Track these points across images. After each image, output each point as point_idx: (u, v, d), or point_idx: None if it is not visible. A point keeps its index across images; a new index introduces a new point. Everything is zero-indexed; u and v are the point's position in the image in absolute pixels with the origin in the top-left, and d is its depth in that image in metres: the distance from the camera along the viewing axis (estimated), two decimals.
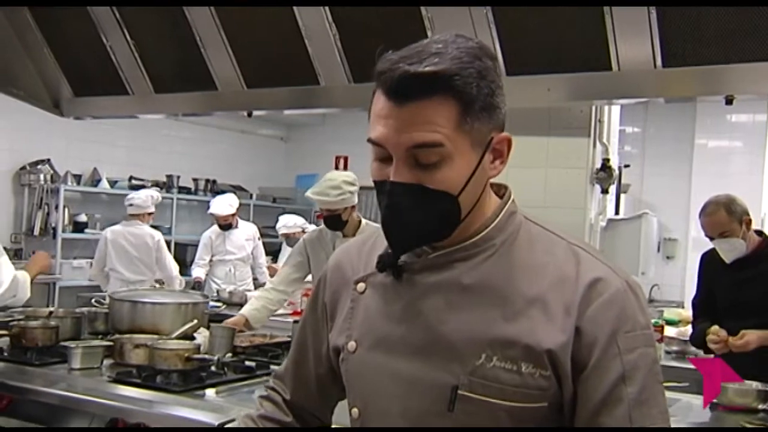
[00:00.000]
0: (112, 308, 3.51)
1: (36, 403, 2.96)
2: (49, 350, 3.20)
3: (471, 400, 1.11)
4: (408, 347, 1.17)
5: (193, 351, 2.93)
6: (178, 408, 2.70)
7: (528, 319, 1.12)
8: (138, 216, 5.96)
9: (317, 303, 1.35)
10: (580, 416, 1.12)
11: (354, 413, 1.23)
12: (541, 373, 1.11)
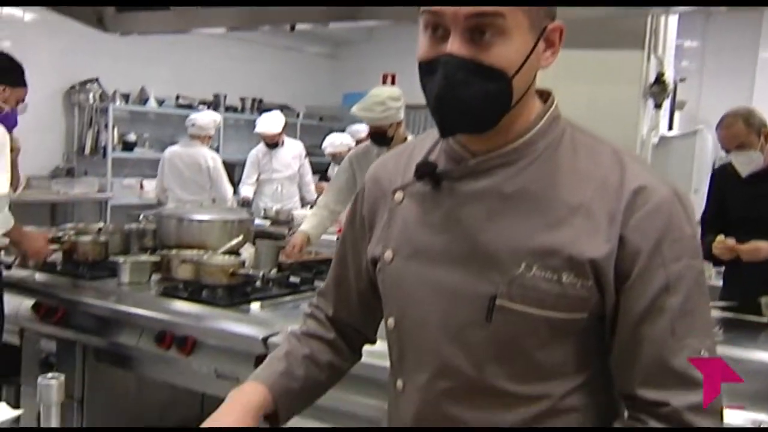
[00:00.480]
0: (160, 225, 3.55)
1: (88, 315, 3.04)
2: (100, 265, 3.27)
3: (509, 310, 1.08)
4: (446, 257, 1.14)
5: (238, 266, 2.96)
6: (224, 321, 2.74)
7: (570, 227, 1.08)
8: (198, 138, 5.96)
9: (356, 217, 1.32)
10: (621, 327, 1.09)
11: (390, 323, 1.21)
12: (582, 284, 1.07)
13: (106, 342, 3.00)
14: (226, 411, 1.23)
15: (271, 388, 1.28)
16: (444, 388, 1.14)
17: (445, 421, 1.14)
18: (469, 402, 1.12)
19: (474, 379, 1.11)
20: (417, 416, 1.17)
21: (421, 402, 1.16)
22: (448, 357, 1.12)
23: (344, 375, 1.41)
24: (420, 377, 1.16)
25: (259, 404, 1.25)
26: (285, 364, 1.31)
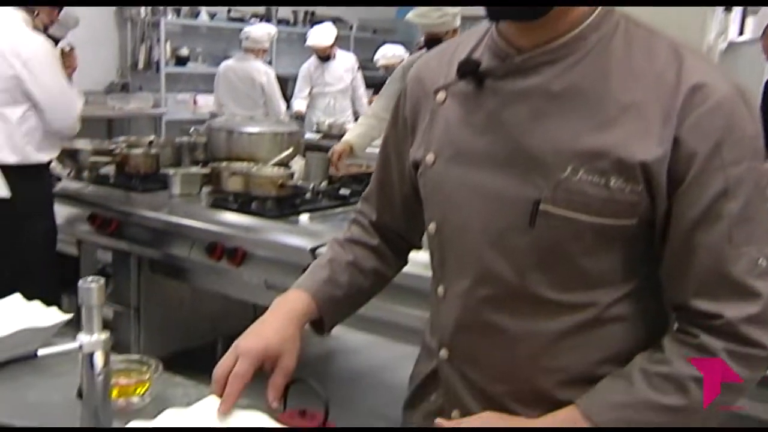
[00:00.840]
0: (210, 137, 3.54)
1: (141, 227, 3.08)
2: (151, 177, 3.29)
3: (553, 215, 1.03)
4: (489, 159, 1.08)
5: (286, 178, 2.94)
6: (273, 233, 2.75)
7: (621, 128, 1.01)
8: (252, 51, 5.90)
9: (398, 118, 1.27)
10: (673, 234, 1.03)
11: (431, 229, 1.17)
12: (631, 188, 1.01)
13: (159, 253, 3.05)
14: (269, 319, 1.22)
15: (314, 295, 1.26)
16: (485, 295, 1.10)
17: (486, 328, 1.11)
18: (510, 309, 1.09)
19: (515, 286, 1.07)
20: (458, 323, 1.14)
21: (462, 309, 1.13)
22: (489, 263, 1.08)
23: (389, 282, 1.39)
24: (461, 284, 1.12)
25: (303, 312, 1.24)
26: (328, 271, 1.29)
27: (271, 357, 1.16)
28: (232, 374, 1.13)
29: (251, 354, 1.15)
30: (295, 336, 1.20)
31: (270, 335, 1.18)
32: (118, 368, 1.33)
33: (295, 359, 1.19)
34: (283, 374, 1.16)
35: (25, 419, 1.20)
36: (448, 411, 1.18)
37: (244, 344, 1.17)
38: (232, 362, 1.14)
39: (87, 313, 1.11)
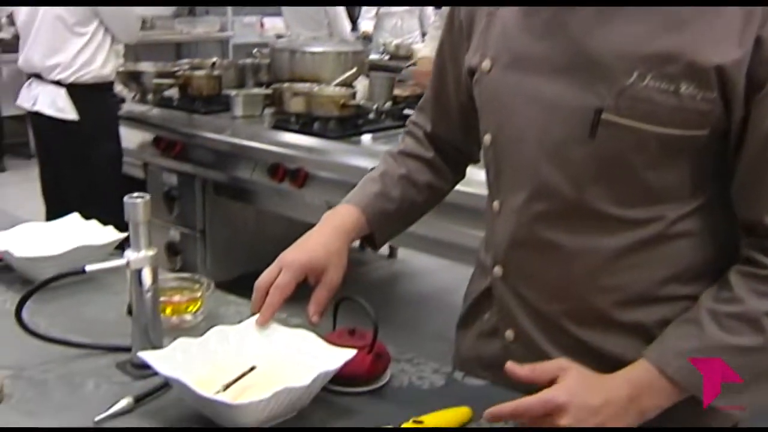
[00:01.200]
0: (274, 58, 3.49)
1: (204, 149, 3.08)
2: (214, 99, 3.28)
3: (616, 125, 0.95)
4: (547, 65, 1.00)
5: (349, 98, 2.89)
6: (335, 154, 2.71)
7: (695, 28, 0.92)
8: None
9: (453, 23, 1.19)
10: (749, 145, 0.94)
11: (486, 140, 1.11)
12: (703, 95, 0.92)
13: (223, 175, 3.05)
14: (316, 233, 1.18)
15: (364, 210, 1.21)
16: (541, 210, 1.04)
17: (541, 244, 1.04)
18: (567, 225, 1.02)
19: (573, 200, 1.00)
20: (512, 239, 1.08)
21: (517, 224, 1.07)
22: (546, 176, 1.01)
23: (444, 197, 1.33)
24: (516, 198, 1.06)
25: (351, 226, 1.20)
26: (380, 185, 1.24)
27: (315, 270, 1.13)
28: (273, 286, 1.10)
29: (294, 266, 1.12)
30: (341, 250, 1.16)
31: (315, 248, 1.15)
32: (171, 286, 1.33)
33: (340, 274, 1.15)
34: (327, 289, 1.13)
35: (80, 335, 1.21)
36: (502, 330, 1.14)
37: (288, 256, 1.14)
38: (274, 274, 1.12)
39: (134, 230, 1.10)
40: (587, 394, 0.92)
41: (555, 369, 0.96)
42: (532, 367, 0.97)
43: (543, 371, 0.96)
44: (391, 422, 0.96)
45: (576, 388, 0.93)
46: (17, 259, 1.39)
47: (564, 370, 0.95)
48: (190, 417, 0.99)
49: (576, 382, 0.94)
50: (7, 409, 1.02)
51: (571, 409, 0.90)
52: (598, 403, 0.92)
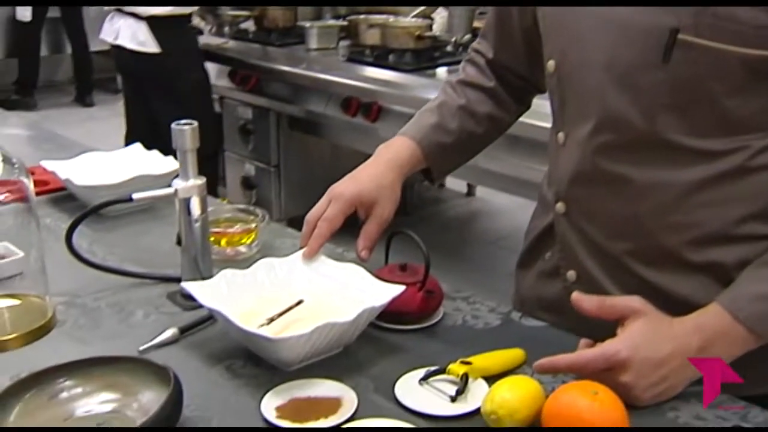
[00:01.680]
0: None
1: (279, 82, 3.06)
2: (289, 31, 3.24)
3: (694, 46, 0.85)
4: None
5: (424, 29, 2.80)
6: (409, 87, 2.64)
7: None
8: None
9: None
10: None
11: (550, 66, 1.03)
12: None
13: (297, 109, 3.02)
14: (369, 165, 1.14)
15: (419, 142, 1.15)
16: (608, 142, 0.95)
17: (607, 178, 0.96)
18: (636, 158, 0.94)
19: (643, 131, 0.92)
20: (576, 174, 1.00)
21: (581, 157, 0.99)
22: (614, 104, 0.93)
23: (506, 129, 1.25)
24: (582, 129, 0.98)
25: (405, 159, 1.14)
26: (437, 117, 1.18)
27: (365, 203, 1.09)
28: (321, 218, 1.07)
29: (342, 198, 1.08)
30: (393, 184, 1.11)
31: (365, 180, 1.10)
32: (226, 217, 1.31)
33: (391, 208, 1.10)
34: (377, 222, 1.09)
35: (135, 265, 1.20)
36: (563, 271, 1.07)
37: (337, 188, 1.10)
38: (324, 207, 1.08)
39: (182, 158, 1.07)
40: (653, 346, 0.85)
41: (625, 309, 0.88)
42: (601, 301, 0.89)
43: (612, 308, 0.89)
44: (438, 362, 0.91)
45: (640, 340, 0.85)
46: (78, 187, 1.39)
47: (634, 312, 0.87)
48: (234, 350, 0.96)
49: (642, 332, 0.86)
50: (58, 335, 1.02)
51: (633, 366, 0.83)
52: (663, 355, 0.84)
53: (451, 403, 0.86)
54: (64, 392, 0.85)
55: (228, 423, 0.83)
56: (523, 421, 0.80)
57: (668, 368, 0.84)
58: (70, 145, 1.85)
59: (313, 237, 1.06)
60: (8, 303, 1.08)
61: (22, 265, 1.13)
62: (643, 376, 0.83)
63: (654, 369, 0.84)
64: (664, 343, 0.85)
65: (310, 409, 0.84)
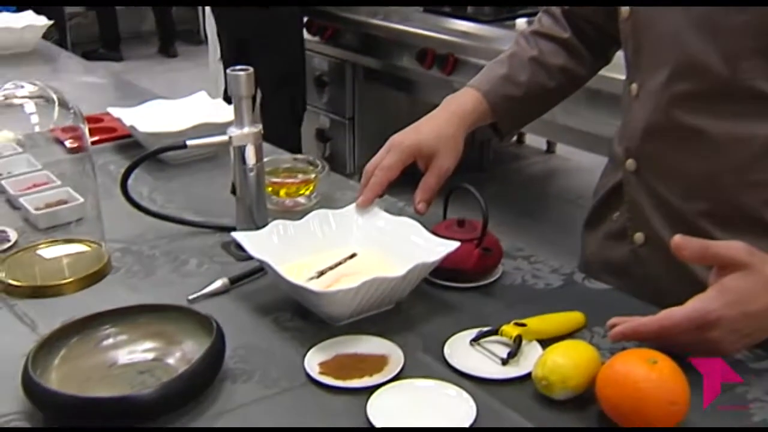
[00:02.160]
0: None
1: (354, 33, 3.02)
2: None
3: None
4: None
5: None
6: (486, 39, 2.56)
7: None
8: None
9: None
10: None
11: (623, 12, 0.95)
12: None
13: (373, 61, 2.98)
14: (432, 116, 1.09)
15: (486, 94, 1.10)
16: (684, 91, 0.88)
17: (682, 132, 0.89)
18: (715, 109, 0.86)
19: (724, 78, 0.84)
20: (648, 127, 0.93)
21: (654, 109, 0.91)
22: (692, 50, 0.85)
23: (581, 84, 1.18)
24: (656, 78, 0.90)
25: (470, 111, 1.09)
26: (506, 68, 1.12)
27: (425, 155, 1.04)
28: (379, 167, 1.03)
29: (401, 147, 1.04)
30: (456, 136, 1.06)
31: (426, 131, 1.06)
32: (285, 167, 1.28)
33: (452, 161, 1.06)
34: (436, 175, 1.04)
35: (194, 213, 1.19)
36: (631, 232, 1.01)
37: (397, 138, 1.06)
38: (383, 156, 1.04)
39: (237, 104, 1.04)
40: (748, 299, 0.76)
41: (729, 261, 0.77)
42: (704, 249, 0.79)
43: (715, 257, 0.78)
44: (492, 322, 0.87)
45: (735, 296, 0.76)
46: (141, 133, 1.39)
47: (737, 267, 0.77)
48: (282, 302, 0.94)
49: (738, 288, 0.76)
50: (112, 281, 1.02)
51: (724, 323, 0.75)
52: (758, 307, 0.76)
53: (502, 366, 0.81)
54: (109, 338, 0.84)
55: (270, 377, 0.81)
56: (576, 389, 0.75)
57: (762, 318, 0.77)
58: (144, 93, 1.86)
59: (369, 186, 1.03)
60: (67, 248, 1.09)
61: (81, 210, 1.14)
62: (733, 330, 0.76)
63: (746, 321, 0.76)
64: (760, 295, 0.76)
65: (354, 367, 0.81)
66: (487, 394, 0.77)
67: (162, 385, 0.73)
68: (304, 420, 0.75)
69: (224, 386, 0.79)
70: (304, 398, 0.78)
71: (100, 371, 0.80)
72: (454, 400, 0.75)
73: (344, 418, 0.75)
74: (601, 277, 1.01)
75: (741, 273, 0.77)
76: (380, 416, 0.73)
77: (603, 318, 0.90)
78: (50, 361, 0.79)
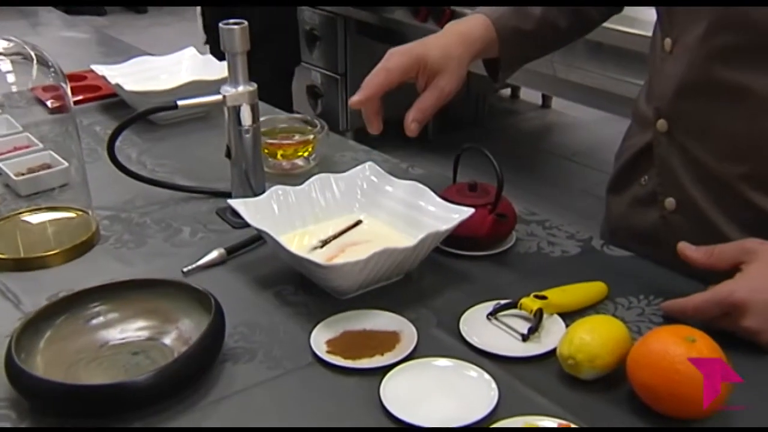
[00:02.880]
0: None
1: None
2: None
3: None
4: None
5: None
6: None
7: None
8: None
9: None
10: None
11: None
12: None
13: (366, 14, 2.88)
14: (437, 35, 0.99)
15: (495, 21, 0.99)
16: (724, 45, 0.81)
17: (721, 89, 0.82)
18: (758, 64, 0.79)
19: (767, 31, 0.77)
20: (683, 84, 0.86)
21: (690, 65, 0.84)
22: None
23: (591, 28, 1.08)
24: (694, 31, 0.83)
25: (478, 36, 0.98)
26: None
27: (429, 69, 0.93)
28: (379, 67, 0.92)
29: (408, 53, 0.93)
30: (462, 58, 0.96)
31: (432, 46, 0.95)
32: (282, 127, 1.22)
33: (454, 84, 0.95)
34: (436, 95, 0.93)
35: (186, 177, 1.13)
36: (661, 197, 0.94)
37: (402, 47, 0.95)
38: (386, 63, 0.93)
39: (231, 61, 0.97)
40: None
41: (738, 252, 0.76)
42: (709, 251, 0.78)
43: (723, 255, 0.77)
44: (508, 294, 0.81)
45: (759, 281, 0.73)
46: (127, 92, 1.31)
47: (749, 254, 0.75)
48: (284, 274, 0.88)
49: (762, 273, 0.74)
50: (101, 252, 0.96)
51: (754, 309, 0.71)
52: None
53: (522, 342, 0.76)
54: (99, 317, 0.78)
55: (274, 356, 0.75)
56: (604, 368, 0.70)
57: None
58: (129, 49, 1.78)
59: (366, 83, 0.92)
60: (52, 217, 1.03)
61: (65, 176, 1.07)
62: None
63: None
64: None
65: (364, 345, 0.75)
66: (508, 374, 0.72)
67: (159, 369, 0.67)
68: (313, 404, 0.69)
69: (225, 368, 0.74)
70: (312, 380, 0.72)
71: (90, 353, 0.74)
72: (476, 382, 0.70)
73: (355, 403, 0.69)
74: (628, 244, 0.95)
75: (761, 260, 0.74)
76: (395, 401, 0.67)
77: (626, 288, 0.85)
78: (35, 344, 0.73)
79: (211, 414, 0.68)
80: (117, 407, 0.67)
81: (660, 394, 0.65)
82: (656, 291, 0.84)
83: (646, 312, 0.81)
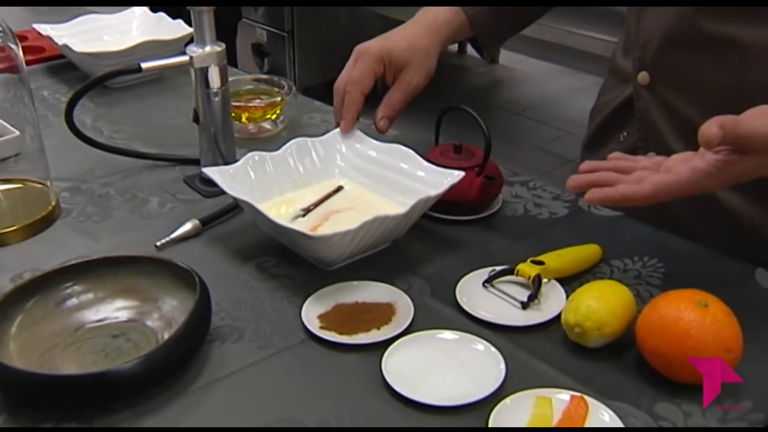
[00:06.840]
0: None
1: None
2: None
3: None
4: None
5: None
6: None
7: None
8: None
9: None
10: None
11: None
12: None
13: None
14: (403, 27, 0.98)
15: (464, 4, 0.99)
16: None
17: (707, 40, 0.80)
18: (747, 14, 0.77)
19: None
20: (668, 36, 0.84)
21: (675, 16, 0.82)
22: None
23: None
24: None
25: (446, 22, 0.98)
26: None
27: (395, 64, 0.94)
28: (349, 82, 0.92)
29: (368, 54, 0.93)
30: (429, 49, 0.96)
31: (397, 39, 0.95)
32: (247, 89, 1.16)
33: (423, 76, 0.96)
34: (403, 90, 0.95)
35: (146, 144, 1.07)
36: (643, 153, 0.92)
37: (364, 45, 0.95)
38: (351, 69, 0.93)
39: (197, 20, 0.91)
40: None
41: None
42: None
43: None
44: (503, 260, 0.79)
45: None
46: (77, 54, 1.23)
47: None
48: (265, 245, 0.84)
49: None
50: (63, 227, 0.90)
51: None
52: None
53: (523, 310, 0.73)
54: (72, 298, 0.73)
55: (264, 334, 0.71)
56: (612, 335, 0.67)
57: None
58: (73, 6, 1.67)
59: (345, 105, 0.92)
60: (6, 187, 0.96)
61: (19, 144, 1.00)
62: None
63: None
64: None
65: (358, 318, 0.72)
66: (511, 344, 0.69)
67: (146, 355, 0.62)
68: (312, 384, 0.66)
69: (213, 349, 0.69)
70: (307, 358, 0.68)
71: (66, 337, 0.69)
72: (483, 355, 0.67)
73: (355, 381, 0.66)
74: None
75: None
76: (398, 378, 0.64)
77: (619, 249, 0.83)
78: (6, 330, 0.67)
79: (204, 399, 0.64)
80: (102, 397, 0.62)
81: (673, 360, 0.63)
82: (650, 252, 0.82)
83: (643, 274, 0.79)
